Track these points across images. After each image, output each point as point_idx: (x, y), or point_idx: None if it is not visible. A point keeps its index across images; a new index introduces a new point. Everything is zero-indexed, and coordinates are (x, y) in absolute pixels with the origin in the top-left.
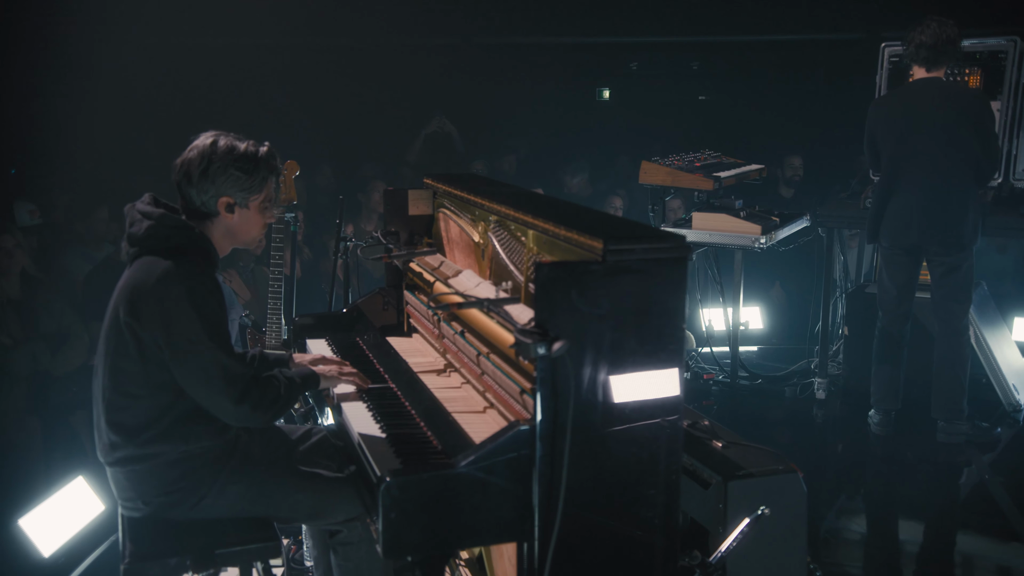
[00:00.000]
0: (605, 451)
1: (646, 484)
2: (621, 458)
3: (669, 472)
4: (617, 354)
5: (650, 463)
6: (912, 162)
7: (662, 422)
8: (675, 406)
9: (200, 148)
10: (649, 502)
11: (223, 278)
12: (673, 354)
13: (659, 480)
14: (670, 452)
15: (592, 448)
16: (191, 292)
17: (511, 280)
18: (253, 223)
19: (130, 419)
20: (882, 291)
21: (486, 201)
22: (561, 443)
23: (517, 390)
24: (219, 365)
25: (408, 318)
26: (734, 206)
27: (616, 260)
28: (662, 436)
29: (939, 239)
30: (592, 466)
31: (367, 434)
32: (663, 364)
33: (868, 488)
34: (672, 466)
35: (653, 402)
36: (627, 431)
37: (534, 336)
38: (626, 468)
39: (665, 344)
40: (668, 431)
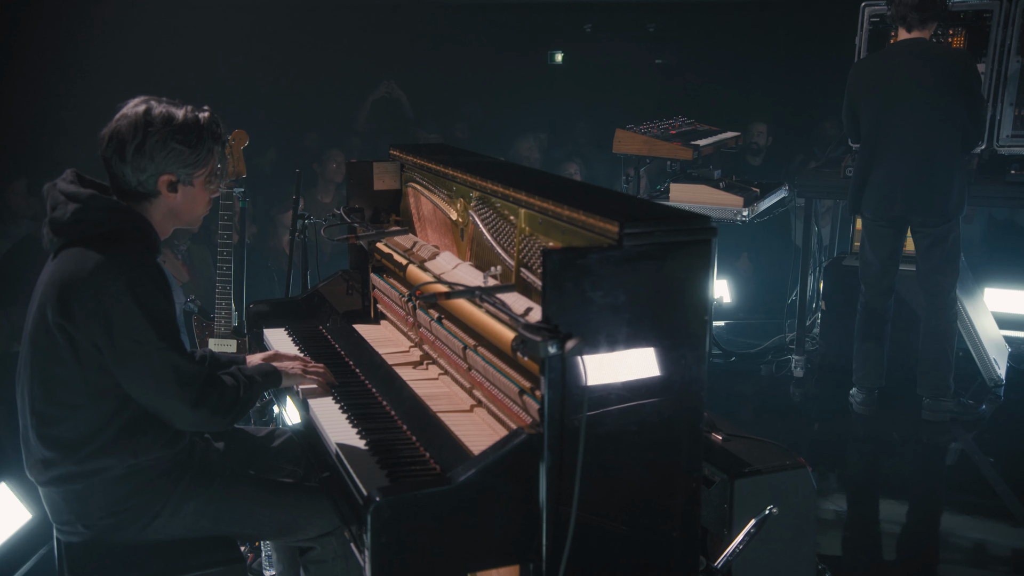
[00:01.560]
0: (621, 458)
1: (665, 492)
2: (638, 465)
3: (689, 477)
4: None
5: (669, 468)
6: (895, 129)
7: (683, 425)
8: (696, 408)
9: (132, 118)
10: (668, 511)
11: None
12: (697, 351)
13: (679, 486)
14: (690, 456)
15: (606, 456)
16: (133, 285)
17: (500, 265)
18: (198, 200)
19: (67, 432)
20: (864, 264)
21: (467, 176)
22: (572, 452)
23: (515, 390)
24: (171, 366)
25: (375, 303)
26: (712, 176)
27: (634, 244)
28: (682, 440)
29: (923, 210)
30: (606, 475)
31: (346, 444)
32: (686, 363)
33: (853, 469)
34: (693, 471)
35: (673, 403)
36: (645, 436)
37: (543, 333)
38: (644, 475)
39: (687, 339)
40: (688, 434)
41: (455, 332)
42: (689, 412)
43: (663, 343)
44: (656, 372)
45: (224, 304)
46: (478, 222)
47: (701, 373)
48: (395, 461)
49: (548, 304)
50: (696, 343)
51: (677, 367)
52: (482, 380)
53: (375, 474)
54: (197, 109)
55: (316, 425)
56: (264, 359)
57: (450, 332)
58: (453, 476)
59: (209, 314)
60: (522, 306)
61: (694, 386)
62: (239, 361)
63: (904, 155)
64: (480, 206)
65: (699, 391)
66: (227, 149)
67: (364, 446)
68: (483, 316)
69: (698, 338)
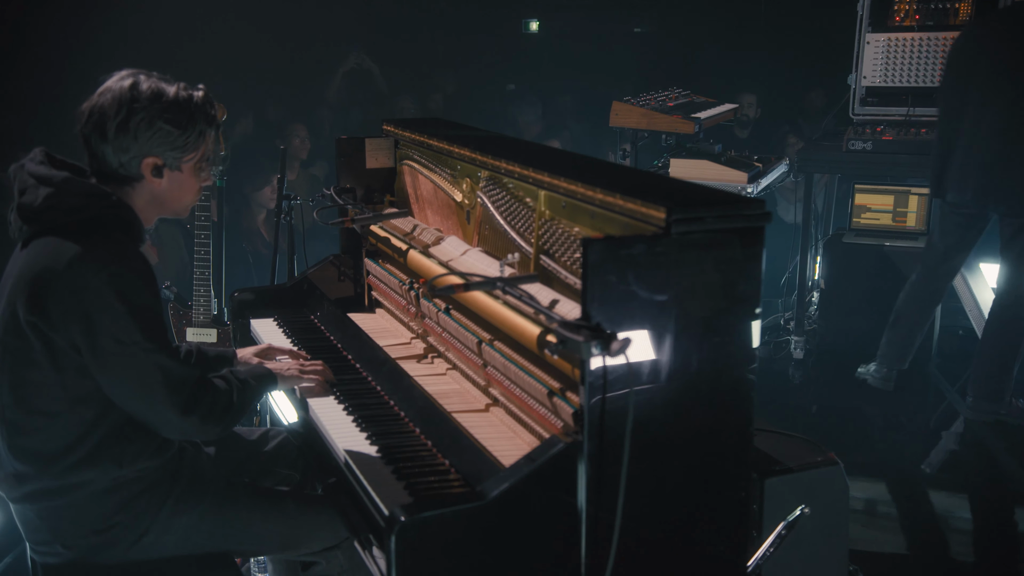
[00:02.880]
0: (666, 465)
1: (713, 499)
2: (684, 472)
3: (739, 482)
4: (681, 351)
5: (718, 474)
6: (977, 111)
7: (731, 428)
8: (747, 409)
9: (116, 93)
10: (717, 520)
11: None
12: (747, 348)
13: (728, 493)
14: (739, 461)
15: (651, 463)
16: (115, 279)
17: (516, 252)
18: (186, 188)
19: (43, 443)
20: (929, 246)
21: (476, 154)
22: (614, 461)
23: (542, 391)
24: (158, 369)
25: (370, 290)
26: (713, 151)
27: (683, 232)
28: (731, 443)
29: (1004, 202)
30: (651, 484)
31: (356, 451)
32: (735, 361)
33: (864, 455)
34: (742, 476)
35: (722, 405)
36: (692, 440)
37: (585, 332)
38: (691, 482)
39: (737, 336)
40: (737, 437)
41: (467, 325)
42: (738, 413)
43: (712, 340)
44: (704, 372)
45: (203, 291)
46: (488, 204)
47: (751, 371)
48: (412, 470)
49: (590, 299)
50: (746, 339)
51: (726, 366)
52: (500, 378)
53: (393, 487)
54: (190, 87)
55: (319, 429)
56: (257, 353)
57: (461, 325)
58: (484, 491)
59: (187, 302)
60: (545, 297)
61: (743, 386)
62: (229, 356)
63: (987, 140)
64: (491, 187)
65: (748, 390)
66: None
67: (376, 453)
68: (501, 308)
69: (748, 334)
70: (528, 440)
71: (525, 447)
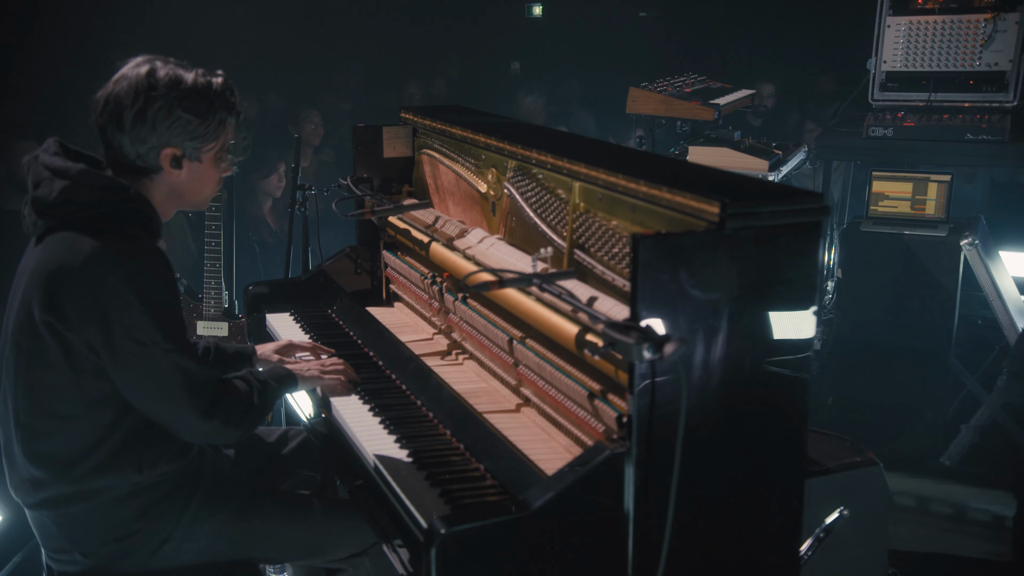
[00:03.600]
0: (718, 471)
1: (764, 508)
2: (736, 479)
3: (792, 491)
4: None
5: (770, 480)
6: None
7: (785, 434)
8: (800, 414)
9: (132, 80)
10: (769, 528)
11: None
12: (802, 349)
13: (780, 502)
14: (792, 469)
15: (702, 469)
16: (134, 276)
17: (548, 246)
18: (206, 179)
19: (59, 447)
20: None
21: (503, 143)
22: (664, 469)
23: (581, 392)
24: (179, 370)
25: (388, 283)
26: (732, 138)
27: (738, 227)
28: (784, 449)
29: None
30: (702, 492)
31: (385, 455)
32: (789, 362)
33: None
34: (795, 484)
35: (775, 409)
36: (744, 446)
37: (636, 334)
38: (743, 490)
39: (792, 336)
40: (791, 443)
41: (496, 321)
42: (792, 416)
43: (765, 341)
44: (757, 373)
45: (214, 283)
46: (516, 196)
47: (806, 373)
48: (447, 477)
49: (640, 298)
50: (801, 340)
51: (780, 368)
52: (534, 378)
53: (427, 495)
54: (209, 73)
55: (344, 430)
56: (277, 350)
57: (490, 321)
58: (528, 501)
59: (197, 294)
60: (582, 294)
61: (797, 387)
62: (248, 354)
63: None
64: (519, 177)
65: (803, 392)
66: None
67: (406, 457)
68: (534, 305)
69: (806, 335)
70: (563, 443)
71: (561, 450)
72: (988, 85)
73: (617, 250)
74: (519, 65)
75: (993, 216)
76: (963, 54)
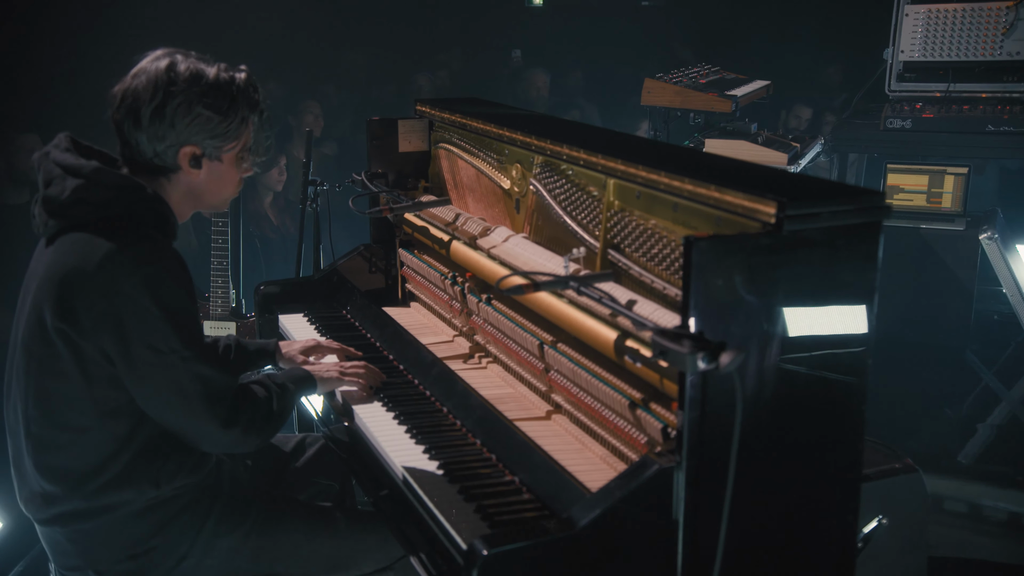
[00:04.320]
0: (770, 484)
1: (818, 523)
2: (789, 494)
3: (846, 509)
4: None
5: (825, 499)
6: None
7: (841, 450)
8: (857, 427)
9: (151, 75)
10: (823, 544)
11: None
12: (860, 358)
13: (833, 519)
14: (847, 481)
15: (754, 483)
16: (151, 280)
17: (581, 246)
18: (226, 180)
19: (72, 460)
20: None
21: (529, 137)
22: (715, 483)
23: (621, 401)
24: (198, 379)
25: (404, 282)
26: (749, 130)
27: (796, 229)
28: (838, 464)
29: None
30: (755, 506)
31: (414, 467)
32: (847, 371)
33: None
34: (850, 504)
35: (831, 420)
36: (798, 461)
37: (690, 343)
38: (796, 506)
39: (850, 344)
40: (847, 459)
41: (524, 324)
42: (849, 428)
43: (822, 348)
44: (813, 383)
45: (221, 282)
46: (544, 193)
47: (863, 382)
48: (481, 491)
49: (693, 304)
50: (860, 349)
51: (837, 375)
52: (567, 384)
53: (462, 510)
54: (232, 68)
55: (368, 439)
56: (304, 350)
57: (517, 324)
58: (573, 519)
59: (203, 293)
60: (620, 297)
61: (854, 398)
62: (271, 350)
63: None
64: (547, 173)
65: (860, 401)
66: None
67: (437, 469)
68: (566, 308)
69: (863, 341)
70: (599, 452)
71: (597, 460)
72: (1009, 75)
73: (657, 251)
74: (520, 53)
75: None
76: (983, 43)
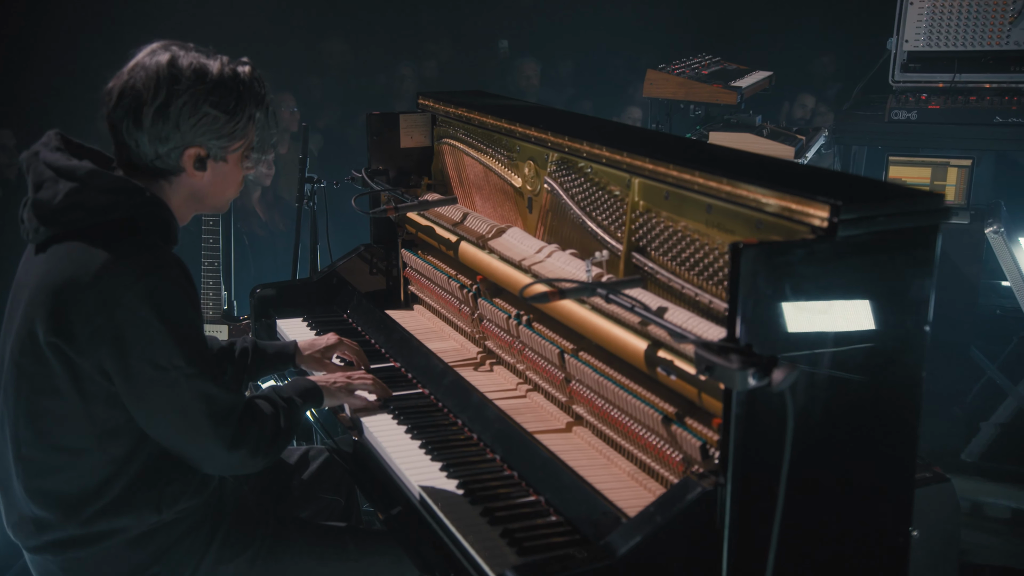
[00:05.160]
0: (819, 506)
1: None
2: (840, 519)
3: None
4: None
5: (876, 523)
6: None
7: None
8: (911, 442)
9: (151, 71)
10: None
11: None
12: (913, 372)
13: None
14: (900, 502)
15: (801, 506)
16: (153, 292)
17: (603, 248)
18: (229, 180)
19: (67, 484)
20: None
21: (544, 134)
22: (764, 506)
23: (653, 415)
24: (203, 398)
25: (407, 284)
26: (754, 122)
27: (851, 235)
28: (890, 484)
29: None
30: (801, 532)
31: (433, 487)
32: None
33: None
34: (902, 523)
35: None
36: (848, 481)
37: (739, 359)
38: (845, 529)
39: (903, 355)
40: (897, 477)
41: (541, 331)
42: (902, 446)
43: (875, 359)
44: (865, 399)
45: (212, 283)
46: (560, 192)
47: (918, 396)
48: (506, 513)
49: (742, 316)
50: (913, 360)
51: (889, 393)
52: (590, 396)
53: (487, 535)
54: (235, 61)
55: (380, 456)
56: (324, 350)
57: (535, 331)
58: (611, 546)
59: None
60: (650, 304)
61: (908, 412)
62: (290, 353)
63: None
64: (563, 172)
65: (914, 417)
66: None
67: (456, 489)
68: (588, 314)
69: (917, 353)
70: (626, 468)
71: (625, 477)
72: (1017, 65)
73: (687, 255)
74: (507, 44)
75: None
76: (990, 32)
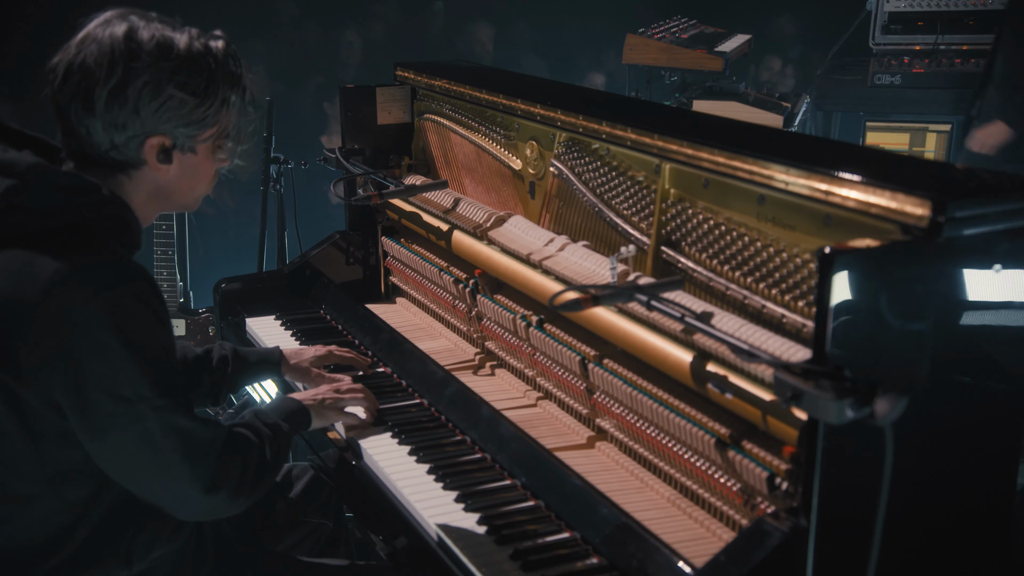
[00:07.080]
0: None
1: None
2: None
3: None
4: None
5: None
6: None
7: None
8: (1012, 469)
9: (105, 45)
10: None
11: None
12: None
13: None
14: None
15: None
16: (114, 309)
17: (630, 243)
18: (199, 174)
19: (15, 537)
20: None
21: (552, 111)
22: (853, 554)
23: (705, 438)
24: (175, 433)
25: (388, 275)
26: (738, 89)
27: (956, 236)
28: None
29: None
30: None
31: (452, 527)
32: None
33: None
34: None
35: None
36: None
37: (834, 386)
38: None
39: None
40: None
41: (555, 334)
42: (1002, 474)
43: (979, 379)
44: (965, 426)
45: (166, 274)
46: (570, 176)
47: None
48: (539, 557)
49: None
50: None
51: (992, 414)
52: (620, 411)
53: None
54: (205, 35)
55: (383, 483)
56: (315, 361)
57: (549, 335)
58: None
59: None
60: (691, 307)
61: (1009, 437)
62: (275, 360)
63: None
64: (573, 154)
65: (1014, 443)
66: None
67: (478, 525)
68: (616, 318)
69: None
70: (665, 493)
71: (666, 504)
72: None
73: (733, 251)
74: (442, 5)
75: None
76: None
